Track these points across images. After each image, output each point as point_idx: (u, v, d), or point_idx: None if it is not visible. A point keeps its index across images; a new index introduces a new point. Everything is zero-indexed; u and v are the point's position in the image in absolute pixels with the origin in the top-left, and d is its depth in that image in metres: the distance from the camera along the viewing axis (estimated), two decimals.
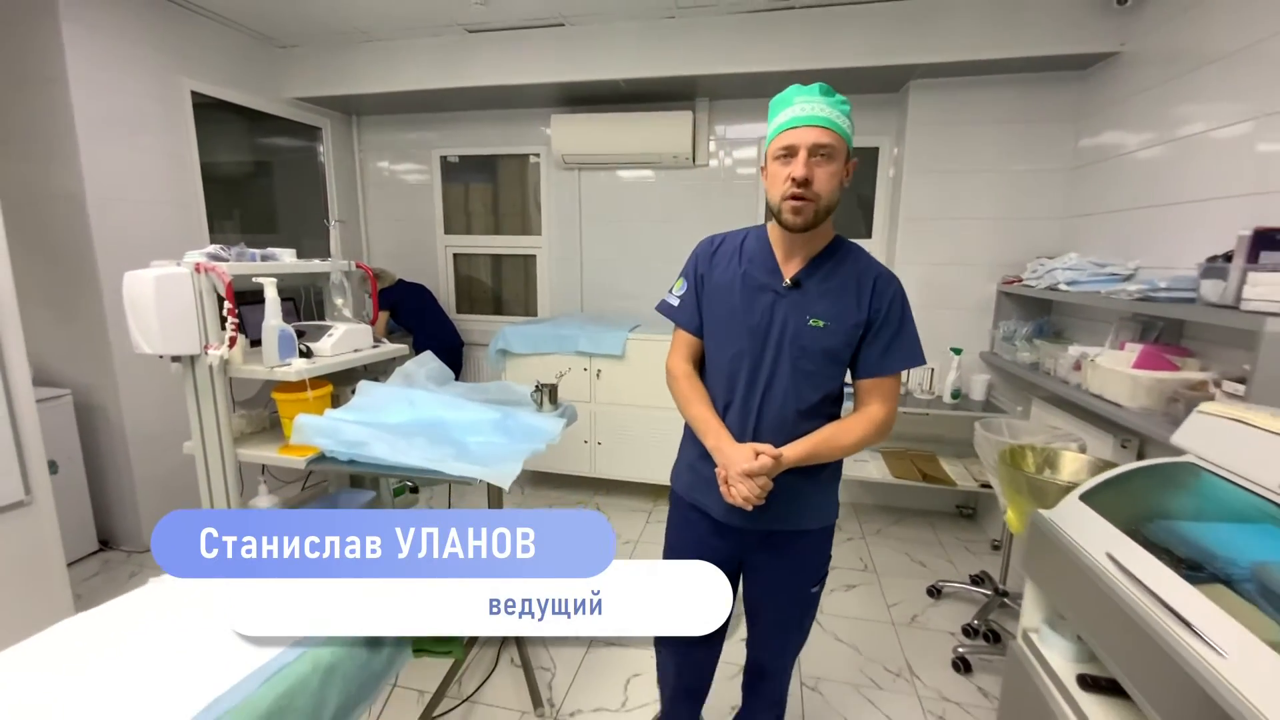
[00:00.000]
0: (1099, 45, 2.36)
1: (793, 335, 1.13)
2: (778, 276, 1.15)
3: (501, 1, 2.60)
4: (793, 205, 1.05)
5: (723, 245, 1.23)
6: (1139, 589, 1.00)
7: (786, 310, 1.13)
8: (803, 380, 1.14)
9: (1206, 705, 0.80)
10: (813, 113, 1.04)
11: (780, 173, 1.06)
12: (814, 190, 1.04)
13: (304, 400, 1.59)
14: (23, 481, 1.85)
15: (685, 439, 1.31)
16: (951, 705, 1.78)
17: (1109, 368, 1.90)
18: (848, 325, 1.12)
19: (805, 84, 1.09)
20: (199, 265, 1.53)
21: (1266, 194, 1.66)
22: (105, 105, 2.38)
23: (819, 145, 1.03)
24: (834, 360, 1.14)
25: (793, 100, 1.07)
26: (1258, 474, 1.05)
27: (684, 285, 1.26)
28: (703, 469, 1.21)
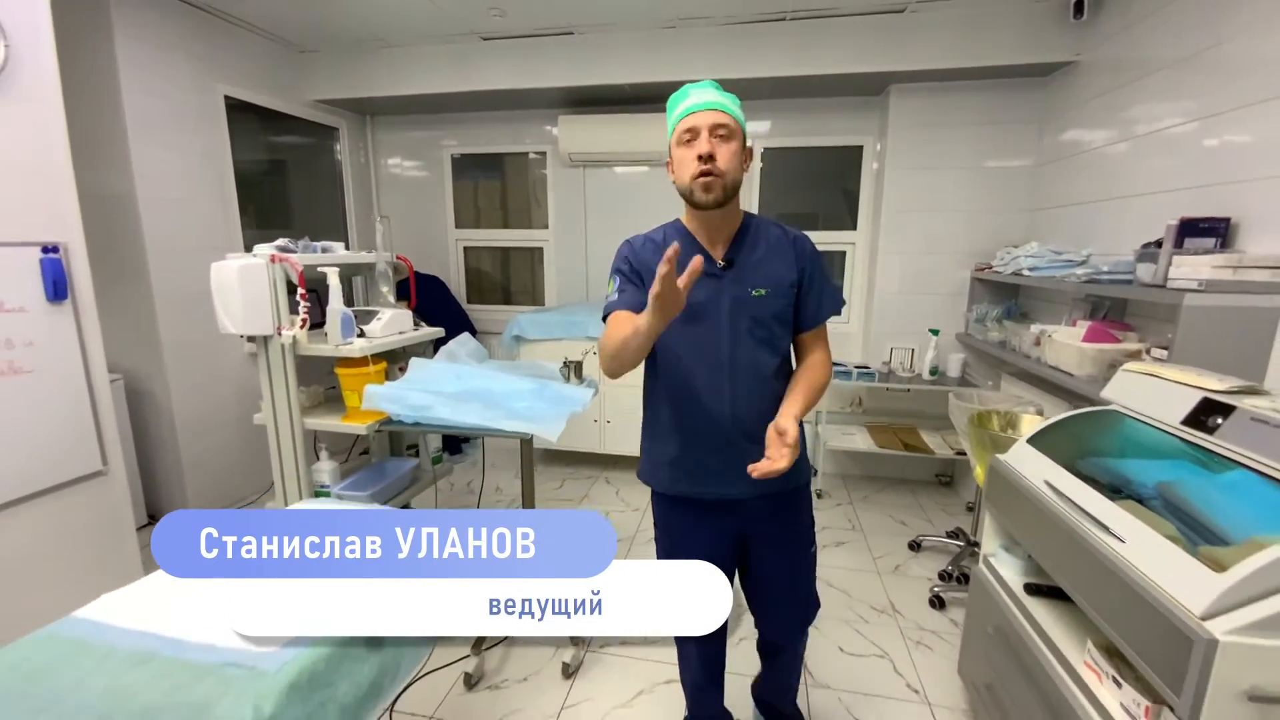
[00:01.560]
0: (1057, 55, 2.64)
1: (742, 308, 1.19)
2: (711, 260, 1.20)
3: (516, 11, 2.81)
4: (703, 183, 1.12)
5: (645, 242, 1.28)
6: (1069, 506, 1.26)
7: (728, 288, 1.20)
8: (762, 347, 1.21)
9: (1114, 582, 1.07)
10: (708, 100, 1.13)
11: (686, 155, 1.13)
12: (719, 167, 1.11)
13: (366, 374, 1.82)
14: (100, 453, 2.05)
15: (650, 439, 1.33)
16: (927, 633, 2.06)
17: (1062, 342, 2.17)
18: (785, 287, 1.21)
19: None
20: (273, 256, 1.75)
21: (1199, 188, 1.92)
22: (152, 111, 2.57)
23: (718, 125, 1.11)
24: (782, 322, 1.23)
25: (688, 93, 1.16)
26: (1163, 415, 1.33)
27: (619, 280, 1.26)
28: (683, 459, 1.25)
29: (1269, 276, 1.59)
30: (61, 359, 1.91)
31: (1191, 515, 1.13)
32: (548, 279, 3.95)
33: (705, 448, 1.24)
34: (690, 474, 1.27)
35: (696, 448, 1.24)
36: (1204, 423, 1.22)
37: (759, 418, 1.18)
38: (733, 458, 1.20)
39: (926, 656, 1.95)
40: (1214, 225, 1.76)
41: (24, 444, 1.82)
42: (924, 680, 1.84)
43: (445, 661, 1.86)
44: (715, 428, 1.23)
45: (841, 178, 3.47)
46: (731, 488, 1.23)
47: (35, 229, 1.83)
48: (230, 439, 3.02)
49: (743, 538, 1.33)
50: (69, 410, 1.94)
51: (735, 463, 1.17)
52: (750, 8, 2.77)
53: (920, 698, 1.77)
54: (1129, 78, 2.29)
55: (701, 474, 1.26)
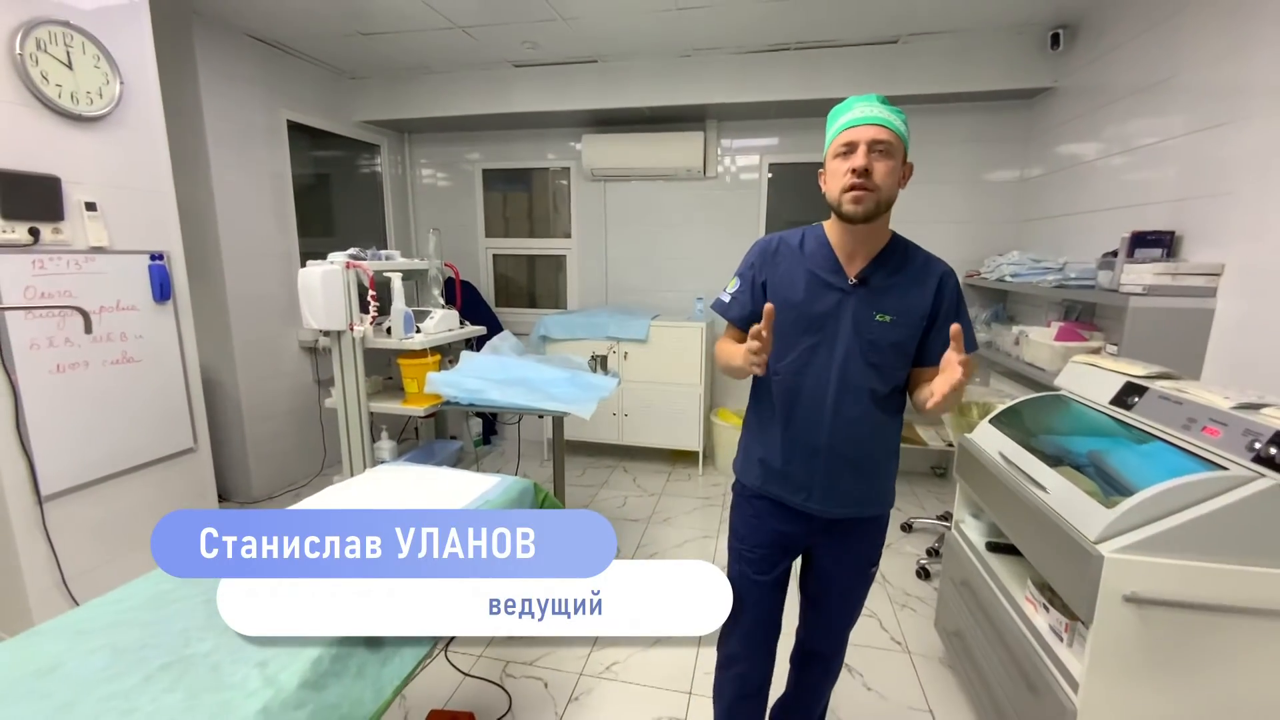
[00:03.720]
0: (1037, 81, 2.90)
1: (862, 330, 1.15)
2: (842, 275, 1.17)
3: (548, 43, 3.13)
4: (853, 195, 1.08)
5: (781, 244, 1.25)
6: (1016, 471, 1.53)
7: (854, 307, 1.16)
8: (872, 371, 1.16)
9: (1042, 526, 1.33)
10: (871, 114, 1.07)
11: (840, 168, 1.09)
12: (874, 181, 1.07)
13: (426, 364, 2.12)
14: (192, 433, 2.38)
15: (749, 438, 1.34)
16: (912, 598, 2.32)
17: (1037, 341, 2.43)
18: (914, 319, 1.15)
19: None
20: (349, 263, 2.07)
21: (1152, 204, 2.18)
22: (227, 134, 2.92)
23: (877, 141, 1.06)
24: (901, 353, 1.17)
25: (852, 106, 1.11)
26: (1097, 396, 1.59)
27: (738, 284, 1.28)
28: (775, 462, 1.25)
29: (1203, 282, 1.85)
30: (164, 351, 2.24)
31: (1112, 475, 1.39)
32: (570, 284, 4.26)
33: (798, 459, 1.22)
34: (781, 480, 1.26)
35: (789, 457, 1.23)
36: (1125, 401, 1.48)
37: (856, 441, 1.18)
38: (825, 474, 1.20)
39: (910, 617, 2.21)
40: (1160, 237, 2.02)
41: (135, 423, 2.15)
42: (906, 634, 2.10)
43: None
44: (811, 442, 1.20)
45: None
46: (817, 502, 1.23)
47: (145, 239, 2.17)
48: (285, 428, 3.35)
49: (809, 547, 1.34)
50: (169, 395, 2.27)
51: (827, 480, 1.20)
52: (758, 39, 3.07)
53: (902, 648, 2.03)
54: (1098, 103, 2.55)
55: (791, 483, 1.24)
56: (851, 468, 1.20)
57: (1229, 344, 1.79)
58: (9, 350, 1.79)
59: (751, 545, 1.32)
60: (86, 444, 2.01)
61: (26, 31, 1.79)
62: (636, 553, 2.66)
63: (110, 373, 2.06)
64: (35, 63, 1.82)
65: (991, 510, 1.66)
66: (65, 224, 1.91)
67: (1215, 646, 1.11)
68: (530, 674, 1.89)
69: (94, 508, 2.04)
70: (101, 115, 2.00)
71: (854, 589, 1.36)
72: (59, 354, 1.92)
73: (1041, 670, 1.31)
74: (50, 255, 1.87)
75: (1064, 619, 1.30)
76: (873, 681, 1.88)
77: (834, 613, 1.39)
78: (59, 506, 1.93)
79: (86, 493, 2.02)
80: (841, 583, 1.34)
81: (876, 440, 1.21)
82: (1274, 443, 1.08)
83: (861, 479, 1.23)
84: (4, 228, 1.76)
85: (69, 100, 1.90)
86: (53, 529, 1.92)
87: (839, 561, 1.32)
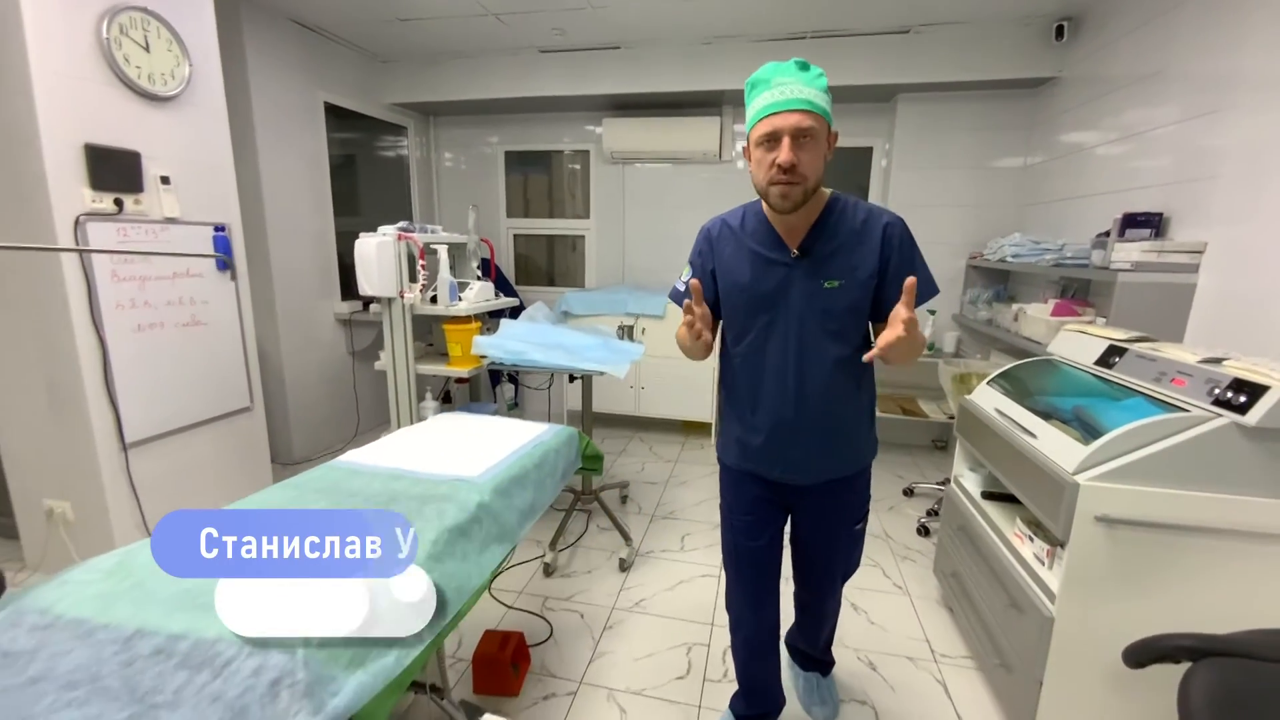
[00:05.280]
0: (1041, 71, 3.04)
1: (813, 299, 1.16)
2: (784, 249, 1.18)
3: (575, 30, 3.28)
4: (780, 190, 1.07)
5: (723, 227, 1.28)
6: (1009, 422, 1.71)
7: (800, 278, 1.16)
8: (831, 339, 1.17)
9: (1029, 466, 1.52)
10: (792, 96, 1.02)
11: (765, 159, 1.07)
12: (800, 173, 1.06)
13: (470, 329, 2.31)
14: (249, 393, 2.57)
15: (725, 419, 1.38)
16: (913, 551, 2.52)
17: (1034, 316, 2.60)
18: (863, 278, 1.15)
19: (805, 68, 1.08)
20: (400, 235, 2.24)
21: (1144, 188, 2.33)
22: (271, 115, 3.08)
23: (802, 131, 1.03)
24: (855, 314, 1.18)
25: (771, 82, 1.05)
26: (1083, 358, 1.77)
27: (690, 271, 1.31)
28: (750, 441, 1.29)
29: (1186, 259, 2.02)
30: (225, 316, 2.43)
31: (1092, 425, 1.57)
32: (588, 263, 4.42)
33: (772, 434, 1.25)
34: (758, 456, 1.29)
35: (763, 434, 1.25)
36: (1108, 362, 1.66)
37: (825, 410, 1.20)
38: (798, 446, 1.24)
39: (910, 566, 2.41)
40: (1149, 218, 2.18)
41: (200, 381, 2.35)
42: (907, 579, 2.30)
43: (529, 557, 2.36)
44: (780, 416, 1.22)
45: (853, 174, 3.89)
46: (795, 474, 1.27)
47: (209, 211, 2.35)
48: (322, 396, 3.55)
49: (797, 512, 1.39)
50: (228, 357, 2.46)
51: (801, 451, 1.24)
52: (775, 27, 3.21)
53: (903, 591, 2.24)
54: (1099, 92, 2.70)
55: (767, 458, 1.28)
56: (824, 436, 1.22)
57: (1208, 316, 1.97)
58: (99, 310, 1.97)
59: (740, 514, 1.38)
60: (160, 398, 2.20)
61: (111, 17, 1.96)
62: (656, 510, 2.86)
63: (181, 334, 2.25)
64: (119, 46, 1.99)
65: (987, 459, 1.85)
66: (144, 196, 2.09)
67: (1172, 562, 1.30)
68: (567, 608, 2.10)
69: (164, 459, 2.24)
70: (174, 95, 2.16)
71: (842, 547, 1.40)
72: (139, 315, 2.11)
73: (1026, 591, 1.50)
74: (132, 224, 2.05)
75: (1046, 546, 1.49)
76: (875, 618, 2.08)
77: (823, 568, 1.43)
78: (138, 454, 2.13)
79: (160, 443, 2.22)
80: (830, 542, 1.38)
81: (846, 405, 1.21)
82: (1230, 388, 1.26)
83: (836, 444, 1.25)
84: (94, 197, 1.94)
85: (147, 81, 2.07)
86: (133, 474, 2.11)
87: (826, 520, 1.34)
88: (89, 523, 2.10)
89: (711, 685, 1.75)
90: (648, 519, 2.76)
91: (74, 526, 2.12)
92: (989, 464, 1.84)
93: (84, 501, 2.09)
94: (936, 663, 1.87)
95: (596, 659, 1.85)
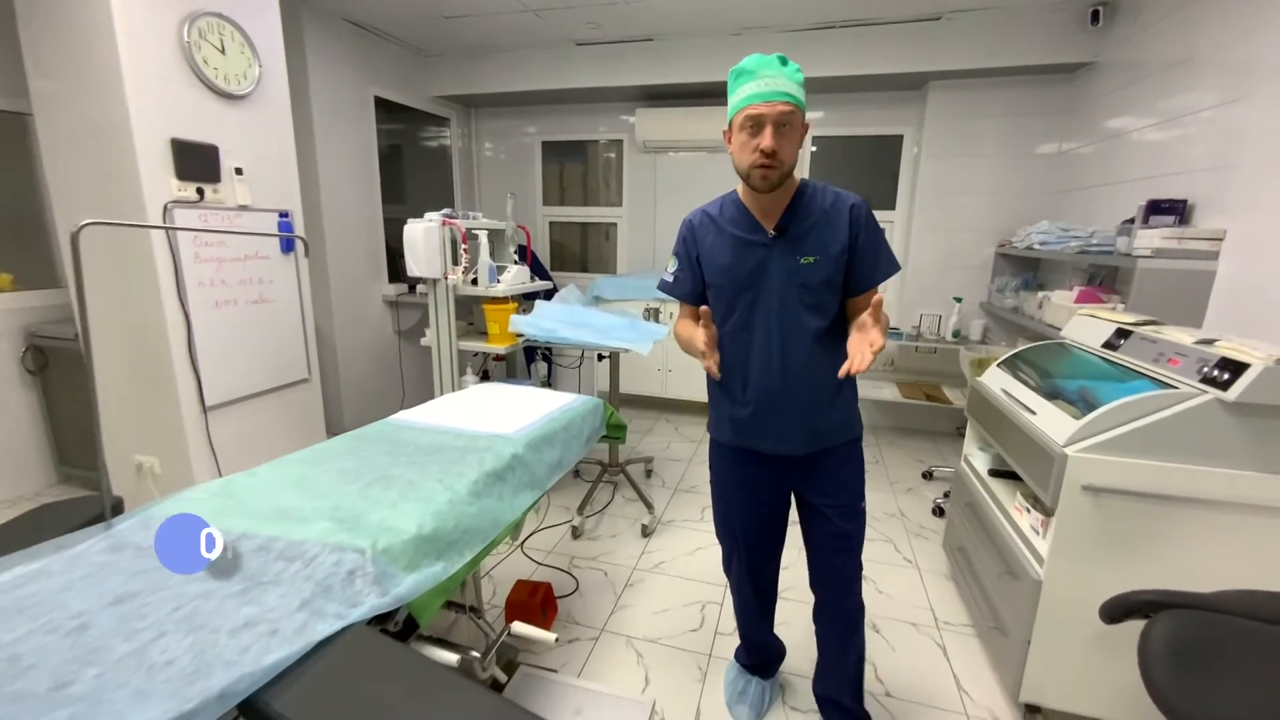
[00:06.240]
0: (1077, 56, 3.02)
1: (791, 275, 1.25)
2: (761, 230, 1.28)
3: (609, 24, 3.40)
4: (761, 173, 1.17)
5: (703, 217, 1.37)
6: (1013, 402, 1.79)
7: (779, 256, 1.26)
8: (809, 312, 1.26)
9: (1028, 441, 1.60)
10: (775, 88, 1.12)
11: (748, 143, 1.16)
12: (779, 158, 1.16)
13: (508, 308, 2.49)
14: (308, 366, 2.82)
15: (714, 399, 1.45)
16: (926, 529, 2.61)
17: (1058, 304, 2.63)
18: (835, 254, 1.25)
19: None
20: (445, 220, 2.43)
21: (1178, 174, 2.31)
22: (327, 109, 3.31)
23: (782, 119, 1.13)
24: (831, 287, 1.27)
25: (756, 73, 1.14)
26: (1092, 341, 1.82)
27: (676, 263, 1.41)
28: (739, 414, 1.36)
29: (1206, 246, 2.03)
30: (288, 294, 2.67)
31: (1093, 403, 1.64)
32: (620, 250, 4.57)
33: (760, 406, 1.32)
34: (748, 430, 1.36)
35: (753, 406, 1.33)
36: (1114, 344, 1.72)
37: (809, 379, 1.28)
38: (786, 416, 1.31)
39: (921, 543, 2.50)
40: (1174, 205, 2.19)
41: (267, 354, 2.59)
42: (917, 555, 2.40)
43: (558, 521, 2.55)
44: (768, 390, 1.30)
45: (884, 162, 3.92)
46: (784, 444, 1.34)
47: (275, 199, 2.57)
48: (370, 371, 3.81)
49: (795, 490, 1.43)
50: (290, 332, 2.71)
51: (788, 421, 1.31)
52: (804, 18, 3.26)
53: (912, 565, 2.33)
54: (1133, 78, 2.68)
55: (757, 431, 1.35)
56: (810, 406, 1.30)
57: (1227, 303, 1.98)
58: (184, 287, 2.22)
59: (734, 488, 1.46)
60: (233, 368, 2.45)
61: (190, 22, 2.18)
62: (680, 484, 3.01)
63: (250, 310, 2.50)
64: (198, 49, 2.21)
65: (993, 436, 1.92)
66: (221, 185, 2.32)
67: (1155, 530, 1.38)
68: (592, 566, 2.27)
69: (236, 422, 2.49)
70: (246, 94, 2.39)
71: (845, 528, 1.38)
72: (216, 292, 2.35)
73: (1021, 559, 1.59)
74: (211, 210, 2.29)
75: (1041, 517, 1.58)
76: (884, 587, 2.19)
77: (829, 551, 1.41)
78: (215, 417, 2.39)
79: (232, 408, 2.47)
80: (833, 519, 1.37)
81: (828, 374, 1.25)
82: (1218, 366, 1.33)
83: (822, 414, 1.32)
84: (180, 187, 2.18)
85: (223, 81, 2.30)
86: (212, 434, 2.38)
87: (825, 493, 1.37)
88: (173, 476, 2.38)
89: (722, 638, 1.90)
90: (670, 491, 2.92)
91: (160, 479, 2.40)
92: (994, 442, 1.92)
93: (170, 457, 2.36)
94: (939, 629, 1.97)
95: (617, 611, 2.02)
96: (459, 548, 1.07)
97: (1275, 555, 1.32)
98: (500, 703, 0.73)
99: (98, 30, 2.00)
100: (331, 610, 0.81)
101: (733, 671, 1.73)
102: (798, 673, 1.76)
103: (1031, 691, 1.53)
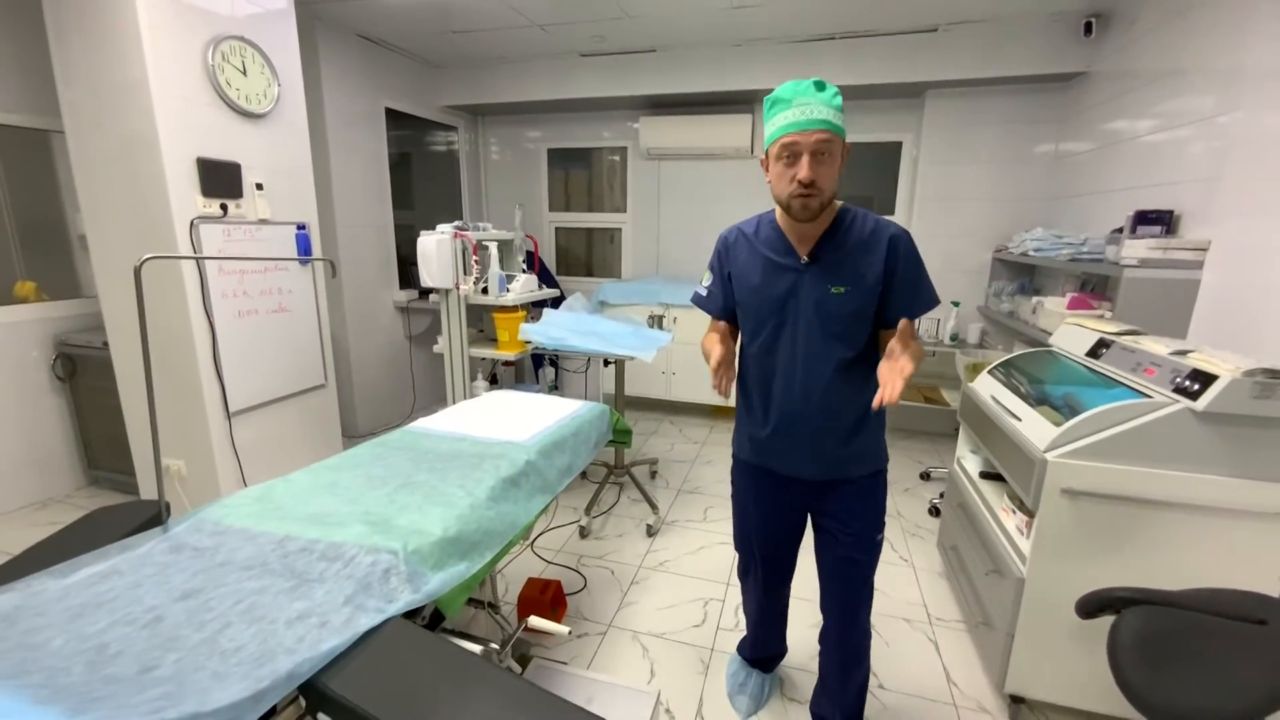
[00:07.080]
0: (1071, 67, 3.09)
1: (820, 304, 1.23)
2: (794, 255, 1.26)
3: (614, 36, 3.49)
4: (801, 202, 1.15)
5: (739, 235, 1.36)
6: (1001, 408, 1.87)
7: (809, 284, 1.24)
8: (835, 341, 1.24)
9: (1013, 446, 1.69)
10: (812, 116, 1.10)
11: (786, 173, 1.15)
12: (818, 187, 1.13)
13: (517, 317, 2.59)
14: (324, 372, 2.93)
15: (740, 415, 1.47)
16: (922, 529, 2.69)
17: (1050, 309, 2.71)
18: (868, 286, 1.22)
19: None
20: (456, 233, 2.53)
21: (1162, 185, 2.40)
22: (340, 122, 3.42)
23: (820, 147, 1.11)
24: (860, 319, 1.24)
25: (791, 102, 1.12)
26: (1077, 350, 1.91)
27: (710, 278, 1.42)
28: (759, 434, 1.38)
29: (1191, 256, 2.11)
30: (305, 303, 2.77)
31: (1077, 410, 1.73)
32: (624, 255, 4.66)
33: (780, 429, 1.33)
34: (766, 451, 1.38)
35: (772, 427, 1.34)
36: (1097, 353, 1.80)
37: (829, 408, 1.28)
38: (803, 441, 1.32)
39: (917, 542, 2.59)
40: (1160, 215, 2.27)
41: (285, 361, 2.70)
42: (913, 553, 2.48)
43: (566, 521, 2.65)
44: (789, 413, 1.31)
45: (883, 168, 3.99)
46: (800, 468, 1.35)
47: (292, 213, 2.68)
48: (382, 377, 3.92)
49: (811, 511, 1.44)
50: (307, 340, 2.81)
51: (806, 446, 1.31)
52: (804, 29, 3.34)
53: (908, 564, 2.42)
54: (1125, 88, 2.75)
55: (775, 452, 1.37)
56: (830, 434, 1.29)
57: (1211, 312, 2.06)
58: (209, 298, 2.33)
59: (752, 504, 1.49)
60: (255, 375, 2.56)
61: (214, 45, 2.28)
62: (683, 485, 3.11)
63: (271, 320, 2.60)
64: (221, 71, 2.31)
65: (981, 440, 2.01)
66: (243, 200, 2.43)
67: (1130, 531, 1.46)
68: (599, 565, 2.37)
69: (257, 427, 2.60)
70: (265, 113, 2.49)
71: (856, 556, 1.38)
72: (239, 303, 2.46)
73: (1006, 558, 1.68)
74: (234, 225, 2.40)
75: (1024, 517, 1.66)
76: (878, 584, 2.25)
77: (839, 579, 1.42)
78: (239, 422, 2.50)
79: (254, 414, 2.58)
80: (845, 546, 1.37)
81: (850, 405, 1.26)
82: (1188, 377, 1.41)
83: (841, 442, 1.31)
84: (205, 203, 2.29)
85: (244, 101, 2.40)
86: (235, 439, 2.48)
87: (839, 520, 1.37)
88: (199, 479, 2.49)
89: (724, 633, 2.00)
90: (675, 492, 3.01)
91: (187, 481, 2.51)
92: (984, 446, 2.00)
93: (195, 461, 2.47)
94: (931, 625, 2.06)
95: (624, 607, 2.12)
96: (480, 548, 1.17)
97: (1241, 555, 1.41)
98: (525, 684, 0.83)
99: (129, 52, 2.10)
100: (372, 605, 0.91)
101: (734, 664, 1.82)
102: (798, 667, 1.85)
103: (1016, 683, 1.62)
